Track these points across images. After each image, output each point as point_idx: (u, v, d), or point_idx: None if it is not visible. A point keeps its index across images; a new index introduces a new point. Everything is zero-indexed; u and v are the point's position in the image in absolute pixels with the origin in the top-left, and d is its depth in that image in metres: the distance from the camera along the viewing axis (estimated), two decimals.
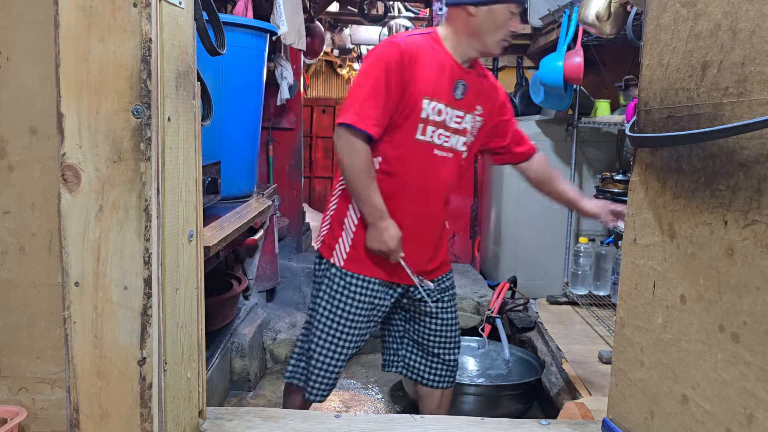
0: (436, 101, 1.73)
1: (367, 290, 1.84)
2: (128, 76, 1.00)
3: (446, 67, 1.75)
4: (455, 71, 1.77)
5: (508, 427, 1.38)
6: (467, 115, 1.81)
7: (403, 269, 1.81)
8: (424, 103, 1.71)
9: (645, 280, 1.19)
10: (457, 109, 1.78)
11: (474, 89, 1.82)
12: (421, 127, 1.74)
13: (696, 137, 1.00)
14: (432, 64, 1.73)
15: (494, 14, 1.70)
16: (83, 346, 1.06)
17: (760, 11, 0.92)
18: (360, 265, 1.83)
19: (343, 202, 1.86)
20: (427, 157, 1.78)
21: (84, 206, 1.03)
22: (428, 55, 1.73)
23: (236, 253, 3.08)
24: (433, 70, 1.73)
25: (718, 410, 0.99)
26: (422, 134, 1.75)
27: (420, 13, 6.00)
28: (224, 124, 2.40)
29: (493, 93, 1.90)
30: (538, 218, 3.26)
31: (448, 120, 1.77)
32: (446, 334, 1.99)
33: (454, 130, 1.80)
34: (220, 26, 1.30)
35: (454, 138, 1.80)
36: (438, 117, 1.75)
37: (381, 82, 1.66)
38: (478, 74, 1.85)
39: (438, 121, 1.75)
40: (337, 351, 1.86)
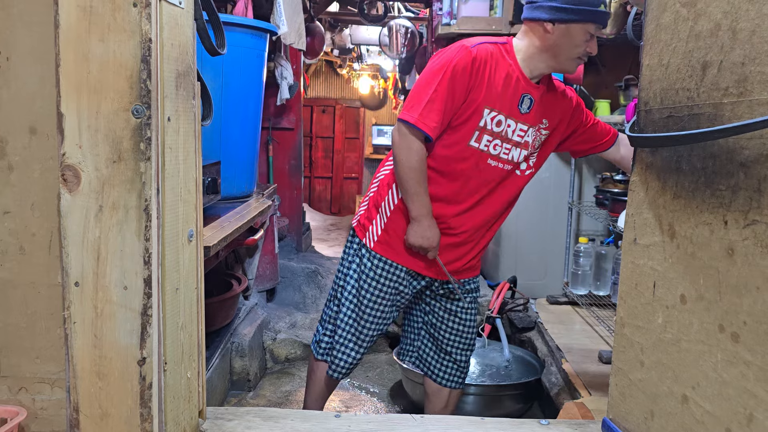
0: (497, 112, 1.74)
1: (392, 275, 1.88)
2: (128, 76, 1.00)
3: (513, 79, 1.75)
4: (522, 84, 1.76)
5: (508, 427, 1.38)
6: (530, 128, 1.81)
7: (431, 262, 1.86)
8: (484, 112, 1.72)
9: (645, 280, 1.19)
10: (522, 122, 1.78)
11: (542, 104, 1.81)
12: (477, 135, 1.75)
13: (696, 137, 1.00)
14: (499, 75, 1.73)
15: (571, 33, 1.69)
16: (83, 346, 1.06)
17: (760, 11, 0.92)
18: (389, 250, 1.87)
19: (383, 186, 1.90)
20: (478, 165, 1.78)
21: (84, 206, 1.03)
22: (497, 64, 1.74)
23: (236, 253, 3.08)
24: (500, 80, 1.73)
25: (718, 410, 0.99)
26: (476, 142, 1.76)
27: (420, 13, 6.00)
28: (224, 124, 2.40)
29: (564, 103, 1.88)
30: (538, 218, 3.26)
31: (510, 132, 1.78)
32: (462, 334, 2.01)
33: (516, 143, 1.80)
34: (220, 26, 1.30)
35: (515, 150, 1.81)
36: (497, 128, 1.75)
37: (446, 86, 1.68)
38: (549, 89, 1.84)
39: (496, 131, 1.76)
40: (360, 330, 1.92)
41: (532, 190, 3.28)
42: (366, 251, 1.90)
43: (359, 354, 1.96)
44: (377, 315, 1.92)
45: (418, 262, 1.88)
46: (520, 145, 1.81)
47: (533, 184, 3.21)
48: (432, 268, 1.89)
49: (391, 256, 1.87)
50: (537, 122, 1.82)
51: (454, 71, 1.68)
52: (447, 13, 3.81)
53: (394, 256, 1.87)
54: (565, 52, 1.72)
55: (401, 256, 1.87)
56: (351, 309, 1.93)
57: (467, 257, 1.93)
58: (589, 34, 1.70)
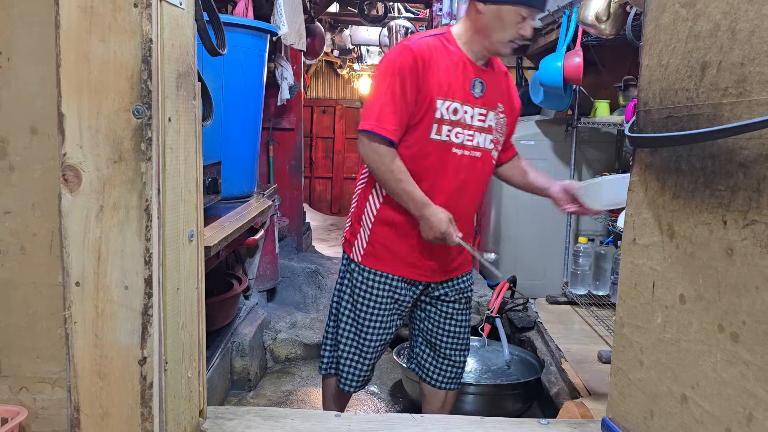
0: (450, 100, 1.74)
1: (385, 285, 1.89)
2: (129, 76, 1.00)
3: (460, 65, 1.76)
4: (470, 69, 1.77)
5: (507, 426, 1.38)
6: (490, 112, 1.82)
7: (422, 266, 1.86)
8: (437, 103, 1.73)
9: (644, 279, 1.19)
10: (479, 107, 1.79)
11: (493, 87, 1.82)
12: (436, 127, 1.75)
13: (695, 137, 1.00)
14: (445, 64, 1.74)
15: (502, 14, 1.69)
16: (84, 346, 1.06)
17: (759, 12, 0.92)
18: (377, 261, 1.88)
19: (361, 200, 1.91)
20: (444, 157, 1.78)
21: (85, 206, 1.03)
22: (441, 55, 1.74)
23: (237, 253, 3.08)
24: (447, 69, 1.74)
25: (718, 410, 0.99)
26: (437, 134, 1.76)
27: (420, 13, 6.00)
28: (225, 124, 2.40)
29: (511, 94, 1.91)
30: (538, 218, 3.26)
31: (468, 118, 1.78)
32: (458, 336, 2.01)
33: (479, 128, 1.80)
34: (221, 27, 1.31)
35: (480, 136, 1.81)
36: (454, 116, 1.76)
37: (396, 88, 1.69)
38: (497, 72, 1.86)
39: (454, 120, 1.76)
40: (363, 344, 1.93)
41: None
42: (355, 266, 1.91)
43: (365, 366, 1.96)
44: (377, 326, 1.91)
45: (408, 269, 1.88)
46: (484, 130, 1.81)
47: None
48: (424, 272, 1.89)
49: (380, 267, 1.88)
50: (494, 105, 1.83)
51: (400, 72, 1.69)
52: (447, 13, 3.81)
53: (382, 266, 1.88)
54: (497, 34, 1.71)
55: (390, 266, 1.87)
56: (350, 324, 1.94)
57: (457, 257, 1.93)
58: (521, 17, 1.69)
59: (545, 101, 3.09)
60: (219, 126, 2.37)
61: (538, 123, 3.29)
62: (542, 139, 3.23)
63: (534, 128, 3.26)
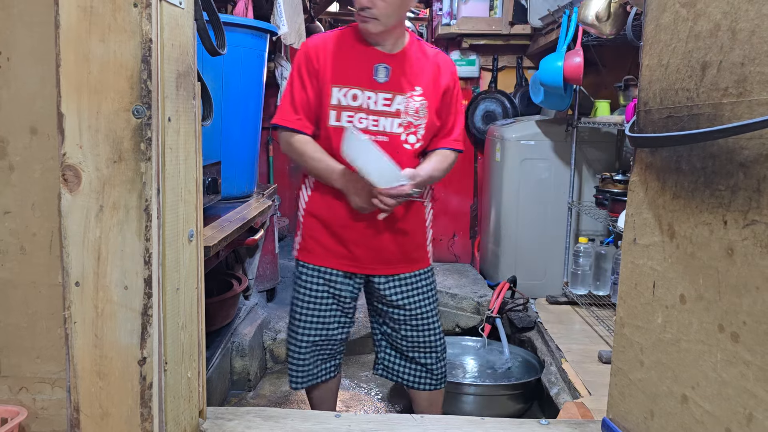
0: (348, 87, 1.78)
1: (320, 279, 1.90)
2: (129, 76, 1.00)
3: (361, 52, 1.81)
4: (372, 56, 1.80)
5: (508, 426, 1.38)
6: (398, 96, 1.80)
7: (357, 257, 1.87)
8: (333, 90, 1.78)
9: (645, 279, 1.19)
10: (383, 91, 1.80)
11: (404, 71, 1.81)
12: (334, 114, 1.79)
13: (696, 137, 1.00)
14: (345, 53, 1.80)
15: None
16: (84, 346, 1.06)
17: (759, 11, 0.92)
18: (309, 255, 1.91)
19: (298, 196, 1.97)
20: None
21: (84, 206, 1.03)
22: (339, 45, 1.81)
23: (236, 253, 3.08)
24: (346, 57, 1.79)
25: (718, 410, 0.99)
26: (337, 120, 1.80)
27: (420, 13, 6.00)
28: (224, 124, 2.40)
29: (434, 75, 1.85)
30: (538, 218, 3.26)
31: (372, 104, 1.79)
32: (420, 339, 1.96)
33: (384, 113, 1.80)
34: (221, 26, 1.30)
35: (386, 121, 1.81)
36: (354, 102, 1.78)
37: (295, 81, 1.81)
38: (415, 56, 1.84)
39: (354, 105, 1.79)
40: (298, 339, 1.93)
41: (531, 190, 3.30)
42: (295, 262, 1.95)
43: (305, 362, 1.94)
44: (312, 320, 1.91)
45: (341, 261, 1.88)
46: (391, 114, 1.80)
47: (533, 184, 3.24)
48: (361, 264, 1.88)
49: (313, 260, 1.89)
50: (403, 90, 1.80)
51: (297, 67, 1.81)
52: (447, 13, 3.81)
53: (315, 259, 1.89)
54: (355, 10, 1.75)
55: (322, 258, 1.88)
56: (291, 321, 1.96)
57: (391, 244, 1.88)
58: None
59: (545, 101, 3.09)
60: (219, 126, 2.37)
61: (538, 123, 3.29)
62: (542, 139, 3.23)
63: (534, 128, 3.26)
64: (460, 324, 3.11)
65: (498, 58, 3.90)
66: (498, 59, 3.90)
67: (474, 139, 3.93)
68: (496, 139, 3.40)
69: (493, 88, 3.92)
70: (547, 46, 3.32)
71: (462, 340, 3.05)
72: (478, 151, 3.95)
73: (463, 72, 3.93)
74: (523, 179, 3.25)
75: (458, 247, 4.11)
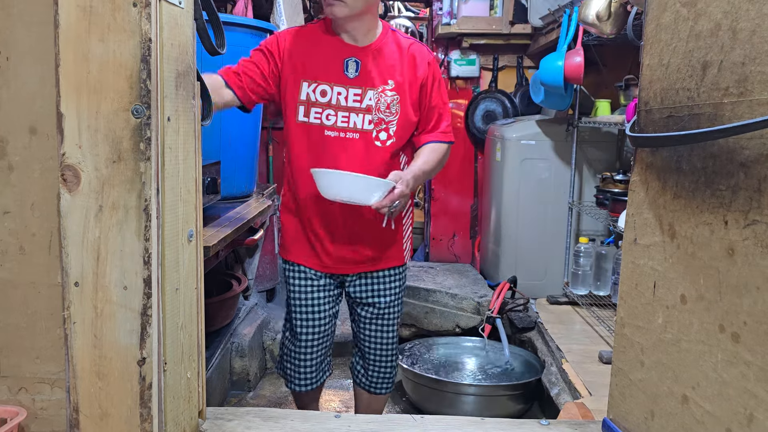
0: (317, 82, 1.73)
1: (301, 276, 1.87)
2: (128, 75, 1.00)
3: (331, 46, 1.75)
4: (343, 50, 1.75)
5: (508, 427, 1.38)
6: (369, 91, 1.74)
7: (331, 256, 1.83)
8: (303, 85, 1.74)
9: (645, 280, 1.19)
10: (353, 87, 1.74)
11: (375, 65, 1.75)
12: (302, 110, 1.75)
13: (696, 137, 1.00)
14: (316, 48, 1.75)
15: None
16: (83, 346, 1.05)
17: (760, 11, 0.91)
18: (287, 252, 1.90)
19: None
20: (318, 140, 1.75)
21: (84, 206, 1.03)
22: (311, 39, 1.76)
23: (236, 253, 3.08)
24: (317, 52, 1.75)
25: (719, 410, 0.99)
26: (305, 116, 1.75)
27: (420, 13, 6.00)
28: (224, 124, 2.40)
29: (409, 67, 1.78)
30: (538, 218, 3.26)
31: (342, 100, 1.74)
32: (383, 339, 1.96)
33: (354, 110, 1.75)
34: (220, 26, 1.30)
35: (356, 117, 1.75)
36: (322, 98, 1.74)
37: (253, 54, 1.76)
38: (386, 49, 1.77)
39: (323, 101, 1.74)
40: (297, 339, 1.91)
41: (532, 189, 3.30)
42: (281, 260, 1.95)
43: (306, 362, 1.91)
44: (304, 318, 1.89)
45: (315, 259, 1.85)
46: (361, 111, 1.74)
47: (533, 184, 3.23)
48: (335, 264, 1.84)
49: (292, 258, 1.88)
50: (374, 84, 1.75)
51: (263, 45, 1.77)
52: (447, 12, 3.81)
53: (293, 257, 1.88)
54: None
55: (299, 256, 1.86)
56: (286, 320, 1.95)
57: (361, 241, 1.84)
58: None
59: (546, 101, 3.08)
60: (218, 125, 2.36)
61: (538, 123, 3.29)
62: (543, 139, 3.22)
63: (534, 128, 3.25)
64: (460, 324, 3.10)
65: (498, 58, 3.90)
66: (498, 59, 3.90)
67: (474, 138, 3.93)
68: (497, 138, 3.40)
69: (493, 87, 3.92)
70: (548, 46, 3.31)
71: (462, 340, 3.04)
72: (479, 150, 3.95)
73: (464, 72, 3.93)
74: (524, 179, 3.25)
75: (458, 247, 4.11)
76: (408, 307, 3.22)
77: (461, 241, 4.11)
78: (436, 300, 3.16)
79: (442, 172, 3.96)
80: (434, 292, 3.16)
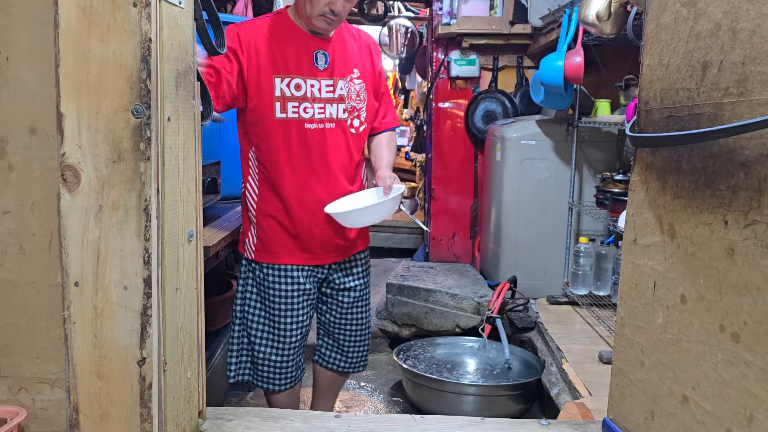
0: (290, 77, 1.75)
1: (287, 278, 1.87)
2: (128, 75, 1.00)
3: (299, 40, 1.77)
4: (310, 43, 1.78)
5: (508, 427, 1.38)
6: (339, 81, 1.81)
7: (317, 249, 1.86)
8: (275, 81, 1.73)
9: (645, 280, 1.19)
10: (325, 78, 1.79)
11: (342, 55, 1.82)
12: (279, 106, 1.75)
13: (696, 137, 1.00)
14: (282, 42, 1.75)
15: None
16: (83, 346, 1.05)
17: (760, 11, 0.91)
18: (271, 256, 1.87)
19: (244, 196, 1.91)
20: (299, 134, 1.78)
21: (83, 206, 1.03)
22: (275, 34, 1.75)
23: (236, 253, 3.08)
24: (284, 47, 1.75)
25: (719, 410, 0.99)
26: (282, 112, 1.76)
27: (420, 13, 5.99)
28: (224, 124, 2.40)
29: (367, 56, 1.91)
30: (538, 218, 3.26)
31: (316, 92, 1.78)
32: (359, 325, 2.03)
33: (329, 100, 1.80)
34: (220, 26, 1.30)
35: (331, 107, 1.80)
36: (297, 91, 1.76)
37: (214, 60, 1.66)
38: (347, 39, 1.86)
39: (298, 95, 1.76)
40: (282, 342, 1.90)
41: (532, 189, 3.30)
42: (255, 265, 1.89)
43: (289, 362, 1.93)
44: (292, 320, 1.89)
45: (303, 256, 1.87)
46: (335, 101, 1.80)
47: (533, 184, 3.23)
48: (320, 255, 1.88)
49: (276, 260, 1.86)
50: (344, 74, 1.82)
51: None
52: (447, 12, 3.81)
53: (277, 259, 1.87)
54: (308, 7, 1.72)
55: (285, 257, 1.86)
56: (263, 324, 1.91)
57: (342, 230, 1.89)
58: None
59: (546, 101, 3.08)
60: (218, 125, 2.36)
61: (538, 122, 3.29)
62: (543, 139, 3.22)
63: (534, 128, 3.25)
64: (460, 324, 3.10)
65: (498, 58, 3.89)
66: (498, 59, 3.89)
67: (474, 138, 3.93)
68: (497, 138, 3.40)
69: (493, 87, 3.92)
70: (548, 46, 3.31)
71: (462, 340, 3.04)
72: (479, 150, 3.94)
73: (464, 71, 3.92)
74: (524, 179, 3.25)
75: (458, 247, 4.11)
76: (408, 307, 3.22)
77: (461, 241, 4.11)
78: (436, 300, 3.16)
79: (442, 172, 3.98)
80: (434, 292, 3.16)
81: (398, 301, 3.26)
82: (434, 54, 3.99)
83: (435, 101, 3.99)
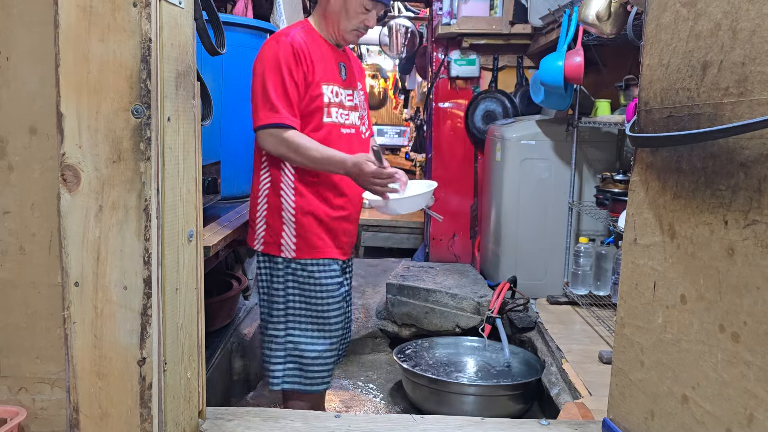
0: (331, 85, 1.88)
1: (329, 271, 1.93)
2: (128, 75, 1.00)
3: (327, 51, 1.91)
4: (336, 54, 1.93)
5: (508, 427, 1.38)
6: (354, 91, 1.99)
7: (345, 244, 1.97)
8: (324, 88, 1.85)
9: (645, 280, 1.19)
10: (346, 88, 1.94)
11: (351, 68, 2.00)
12: (326, 111, 1.87)
13: (696, 137, 1.00)
14: (320, 51, 1.87)
15: (347, 4, 1.83)
16: (83, 346, 1.05)
17: (760, 11, 0.91)
18: (311, 251, 1.91)
19: (273, 199, 1.93)
20: (338, 137, 1.91)
21: (84, 206, 1.03)
22: (312, 44, 1.86)
23: (236, 253, 3.08)
24: (322, 56, 1.87)
25: (719, 410, 0.99)
26: (328, 116, 1.88)
27: (420, 13, 6.00)
28: (224, 123, 2.40)
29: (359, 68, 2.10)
30: (538, 218, 3.26)
31: (344, 100, 1.93)
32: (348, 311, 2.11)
33: (350, 107, 1.96)
34: (220, 26, 1.30)
35: (353, 114, 1.97)
36: (336, 98, 1.90)
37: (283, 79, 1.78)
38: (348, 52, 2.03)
39: (336, 102, 1.90)
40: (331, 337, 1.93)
41: (532, 189, 3.30)
42: (297, 265, 1.89)
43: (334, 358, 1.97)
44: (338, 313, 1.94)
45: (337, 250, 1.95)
46: (353, 108, 1.97)
47: (533, 184, 3.23)
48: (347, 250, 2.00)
49: (317, 255, 1.91)
50: (355, 84, 2.00)
51: (287, 63, 1.78)
52: (447, 12, 3.81)
53: (318, 254, 1.92)
54: (342, 21, 1.85)
55: (323, 251, 1.93)
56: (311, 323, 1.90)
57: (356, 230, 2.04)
58: (364, 8, 1.83)
59: (546, 101, 3.08)
60: (218, 125, 2.36)
61: (538, 122, 3.29)
62: (543, 139, 3.22)
63: (534, 128, 3.25)
64: (460, 324, 3.10)
65: (498, 58, 3.89)
66: (498, 59, 3.89)
67: (474, 138, 3.92)
68: (497, 138, 3.39)
69: (493, 87, 3.92)
70: (548, 46, 3.31)
71: (462, 340, 3.04)
72: (478, 150, 3.94)
73: (464, 71, 3.92)
74: (524, 179, 3.25)
75: (458, 247, 4.11)
76: (408, 307, 3.22)
77: (461, 241, 4.11)
78: (436, 300, 3.16)
79: (442, 172, 3.98)
80: (434, 292, 3.16)
81: (398, 301, 3.26)
82: (434, 54, 3.99)
83: (435, 101, 3.99)
